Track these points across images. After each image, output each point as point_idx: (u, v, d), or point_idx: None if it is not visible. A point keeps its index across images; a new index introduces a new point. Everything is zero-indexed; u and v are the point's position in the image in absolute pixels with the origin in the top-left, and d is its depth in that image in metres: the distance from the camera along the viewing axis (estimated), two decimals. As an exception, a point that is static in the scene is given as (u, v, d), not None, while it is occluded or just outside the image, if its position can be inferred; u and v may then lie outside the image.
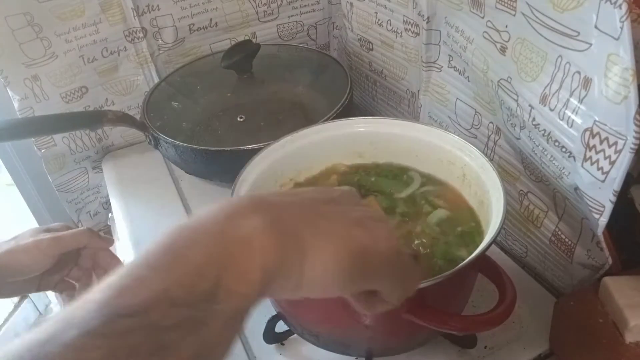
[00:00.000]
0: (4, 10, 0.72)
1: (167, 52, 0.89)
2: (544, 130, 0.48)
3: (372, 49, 0.81)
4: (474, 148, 0.54)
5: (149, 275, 0.25)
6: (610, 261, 0.47)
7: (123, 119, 0.76)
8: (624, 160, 0.39)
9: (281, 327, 0.56)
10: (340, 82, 0.78)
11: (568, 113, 0.44)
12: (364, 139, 0.61)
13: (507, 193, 0.48)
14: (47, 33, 0.76)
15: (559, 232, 0.55)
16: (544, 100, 0.47)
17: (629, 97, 0.37)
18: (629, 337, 0.42)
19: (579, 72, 0.42)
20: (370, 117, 0.62)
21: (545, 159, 0.50)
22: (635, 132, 0.37)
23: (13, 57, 0.75)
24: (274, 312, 0.56)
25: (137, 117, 0.79)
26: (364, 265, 0.31)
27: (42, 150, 0.84)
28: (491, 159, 0.55)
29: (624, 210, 0.45)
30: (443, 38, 0.65)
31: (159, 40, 0.87)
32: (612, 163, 0.40)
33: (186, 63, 0.89)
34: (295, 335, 0.55)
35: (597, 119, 0.41)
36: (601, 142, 0.41)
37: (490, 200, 0.49)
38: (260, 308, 0.57)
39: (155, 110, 0.79)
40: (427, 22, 0.64)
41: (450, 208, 0.56)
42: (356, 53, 0.86)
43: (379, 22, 0.75)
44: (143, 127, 0.77)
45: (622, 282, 0.45)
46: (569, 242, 0.53)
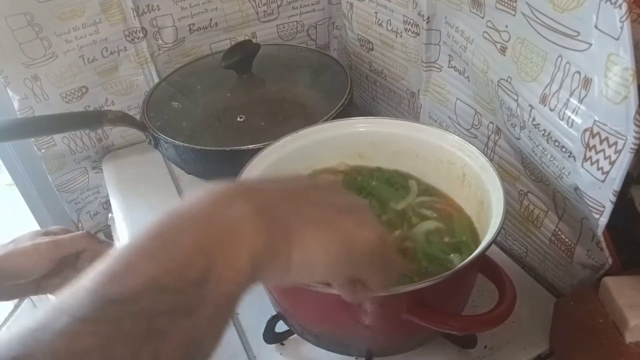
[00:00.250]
0: (4, 10, 0.72)
1: (167, 52, 0.89)
2: (544, 130, 0.48)
3: (372, 49, 0.81)
4: (474, 148, 0.54)
5: (138, 262, 0.25)
6: (610, 261, 0.47)
7: (123, 119, 0.76)
8: (624, 160, 0.39)
9: (281, 327, 0.56)
10: (340, 82, 0.78)
11: (568, 113, 0.44)
12: (364, 139, 0.61)
13: (507, 193, 0.48)
14: (47, 33, 0.76)
15: (559, 232, 0.55)
16: (544, 100, 0.47)
17: (629, 97, 0.37)
18: (629, 337, 0.42)
19: (579, 72, 0.42)
20: (370, 117, 0.62)
21: (545, 159, 0.50)
22: (635, 132, 0.37)
23: (13, 57, 0.75)
24: (274, 312, 0.56)
25: (137, 117, 0.79)
26: (350, 251, 0.32)
27: (42, 150, 0.84)
28: (491, 159, 0.55)
29: (624, 210, 0.45)
30: (443, 38, 0.65)
31: (159, 40, 0.87)
32: (612, 163, 0.40)
33: (186, 63, 0.89)
34: (295, 335, 0.55)
35: (597, 119, 0.41)
36: (601, 142, 0.41)
37: (490, 200, 0.49)
38: (260, 308, 0.58)
39: (155, 110, 0.79)
40: (427, 22, 0.64)
41: (443, 219, 0.56)
42: (356, 53, 0.86)
43: (379, 22, 0.75)
44: (143, 127, 0.76)
45: (622, 282, 0.45)
46: (569, 242, 0.53)
